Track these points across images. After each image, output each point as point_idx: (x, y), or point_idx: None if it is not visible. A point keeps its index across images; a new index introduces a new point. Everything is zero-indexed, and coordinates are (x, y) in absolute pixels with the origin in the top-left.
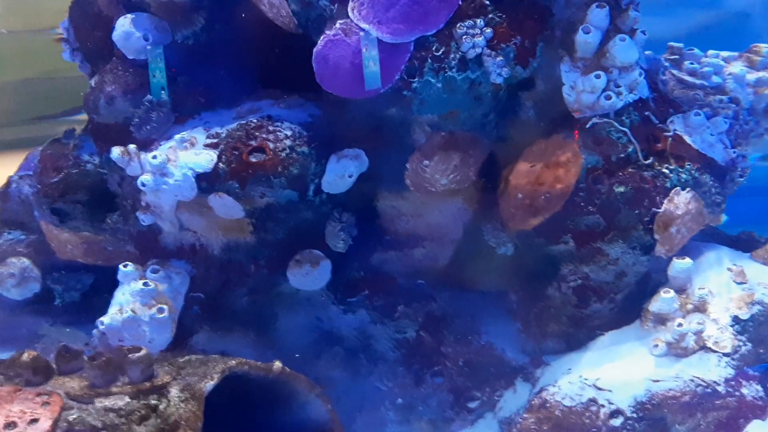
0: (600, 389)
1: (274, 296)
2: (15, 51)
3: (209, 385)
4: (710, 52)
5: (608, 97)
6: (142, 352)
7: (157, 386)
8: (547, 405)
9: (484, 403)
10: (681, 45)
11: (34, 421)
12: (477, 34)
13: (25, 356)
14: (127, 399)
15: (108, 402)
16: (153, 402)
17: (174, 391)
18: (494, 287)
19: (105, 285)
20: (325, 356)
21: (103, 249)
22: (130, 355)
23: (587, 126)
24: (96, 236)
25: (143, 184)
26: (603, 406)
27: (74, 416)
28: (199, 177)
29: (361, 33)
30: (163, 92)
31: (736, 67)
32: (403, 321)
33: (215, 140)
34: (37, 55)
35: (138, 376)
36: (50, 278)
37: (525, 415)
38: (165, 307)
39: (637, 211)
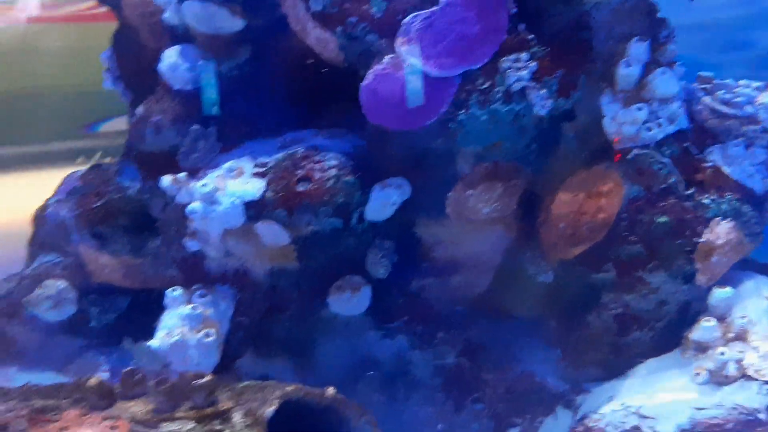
0: (644, 417)
1: (315, 322)
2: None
3: (270, 410)
4: (741, 81)
5: (649, 129)
6: (207, 378)
7: (220, 411)
8: None
9: (525, 430)
10: (711, 75)
11: None
12: (521, 67)
13: (92, 381)
14: (192, 424)
15: (174, 427)
16: (217, 427)
17: (237, 417)
18: (533, 315)
19: (140, 308)
20: (364, 381)
21: (142, 273)
22: (194, 381)
23: (629, 157)
24: (135, 260)
25: (192, 212)
26: None
27: None
28: (247, 205)
29: (406, 71)
30: (214, 108)
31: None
32: (442, 347)
33: (262, 169)
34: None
35: (201, 401)
36: (86, 301)
37: None
38: (212, 331)
39: (678, 241)
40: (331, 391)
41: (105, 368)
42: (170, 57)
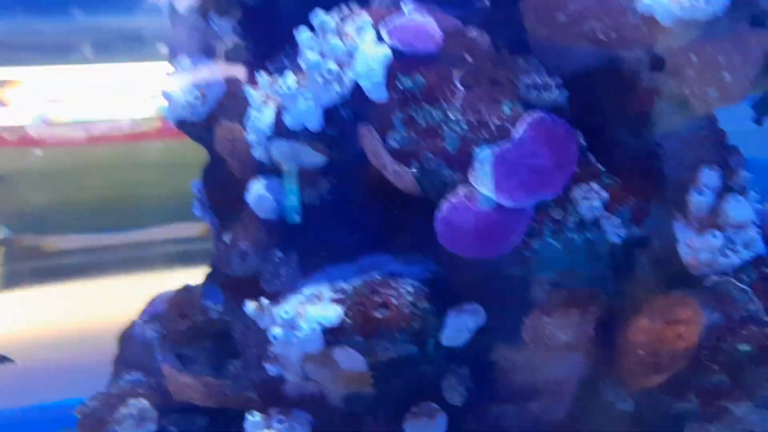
0: None
1: None
2: None
3: None
4: None
5: (725, 256)
6: None
7: None
8: None
9: None
10: None
11: None
12: (593, 197)
13: None
14: None
15: None
16: None
17: None
18: None
19: (218, 427)
20: None
21: (222, 393)
22: None
23: (706, 284)
24: (216, 381)
25: (275, 337)
26: None
27: None
28: (326, 331)
29: (480, 202)
30: (296, 215)
31: None
32: None
33: (341, 295)
34: None
35: None
36: (166, 419)
37: None
38: None
39: (762, 369)
40: None
41: None
42: (257, 189)
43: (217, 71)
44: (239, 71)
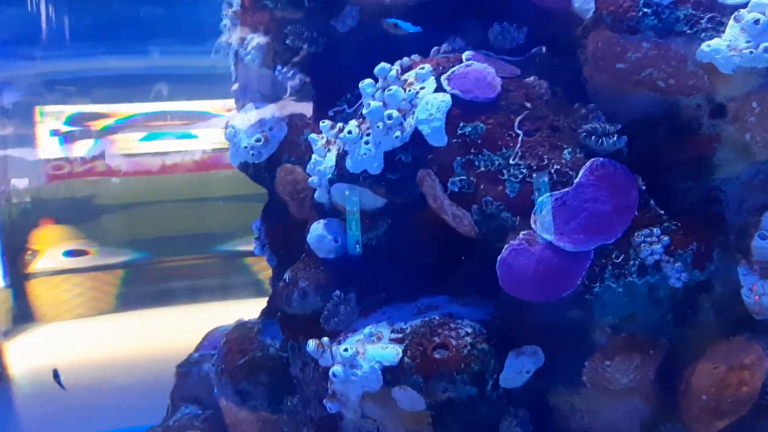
0: None
1: None
2: None
3: None
4: None
5: None
6: None
7: None
8: None
9: None
10: None
11: None
12: (654, 241)
13: None
14: None
15: None
16: None
17: None
18: None
19: None
20: None
21: (279, 429)
22: None
23: None
24: (272, 416)
25: (334, 375)
26: None
27: None
28: (385, 370)
29: (541, 247)
30: (357, 246)
31: None
32: None
33: (400, 335)
34: None
35: None
36: None
37: None
38: None
39: None
40: None
41: None
42: (317, 230)
43: (280, 115)
44: (301, 116)
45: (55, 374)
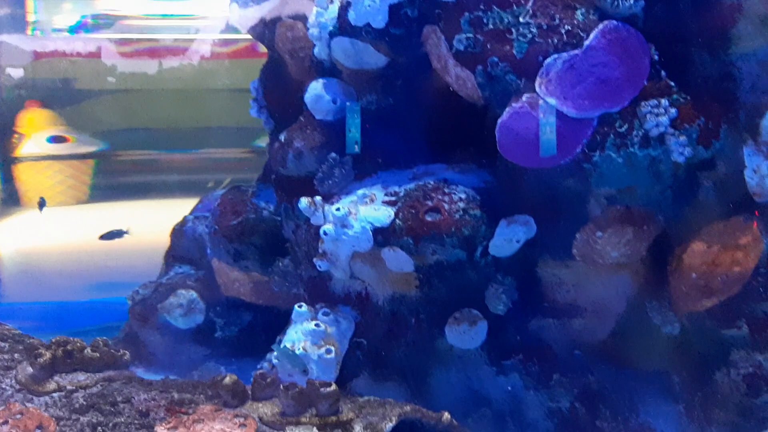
0: None
1: (430, 351)
2: None
3: (389, 426)
4: None
5: None
6: (332, 388)
7: (342, 422)
8: None
9: None
10: None
11: None
12: (661, 113)
13: (227, 380)
14: (315, 430)
15: (297, 431)
16: None
17: (358, 428)
18: (656, 367)
19: (262, 324)
20: (474, 416)
21: (269, 290)
22: (321, 389)
23: None
24: (264, 277)
25: (325, 233)
26: None
27: None
28: (376, 231)
29: (544, 110)
30: (356, 146)
31: None
32: (558, 390)
33: (393, 198)
34: None
35: (326, 409)
36: (213, 312)
37: None
38: (332, 348)
39: None
40: (447, 416)
41: None
42: (315, 89)
43: None
44: None
45: (41, 202)
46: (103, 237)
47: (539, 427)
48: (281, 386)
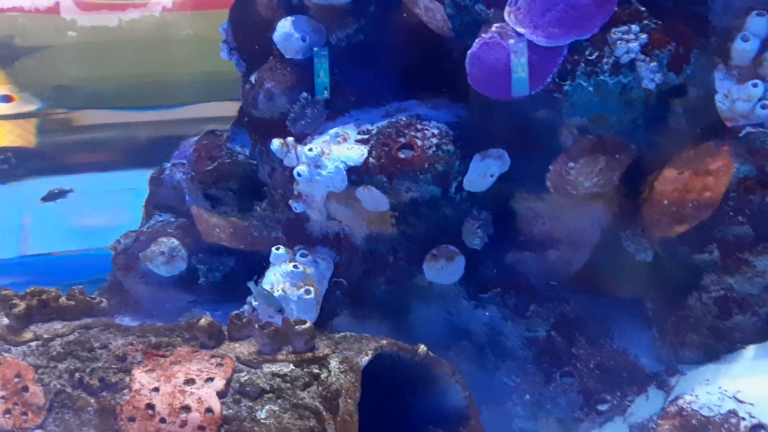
0: (741, 402)
1: (409, 288)
2: None
3: (365, 360)
4: None
5: (764, 107)
6: (307, 325)
7: (318, 357)
8: (684, 413)
9: (615, 407)
10: None
11: (210, 379)
12: (631, 39)
13: (202, 321)
14: (291, 366)
15: (274, 368)
16: (315, 371)
17: (334, 363)
18: (630, 294)
19: (244, 268)
20: (454, 349)
21: (249, 234)
22: (296, 327)
23: (740, 135)
24: (242, 222)
25: (299, 174)
26: (743, 419)
27: (245, 378)
28: (350, 170)
29: (514, 40)
30: (325, 91)
31: None
32: (535, 320)
33: (366, 136)
34: None
35: (302, 346)
36: (195, 259)
37: (660, 422)
38: (312, 289)
39: None
40: (423, 348)
41: None
42: (283, 27)
43: None
44: None
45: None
46: (45, 199)
47: (517, 356)
48: (256, 325)
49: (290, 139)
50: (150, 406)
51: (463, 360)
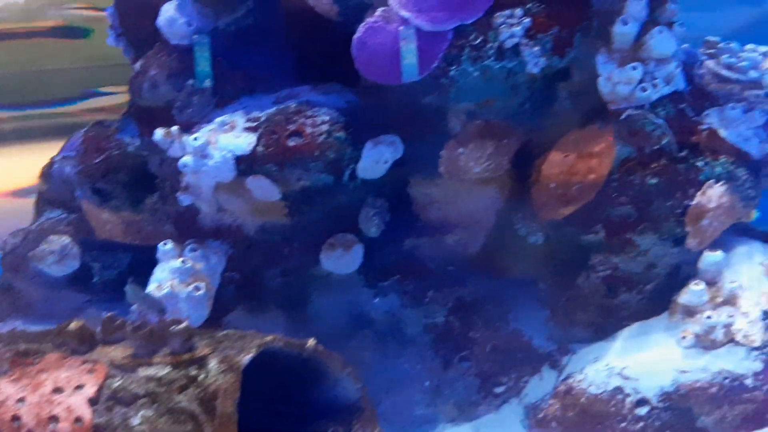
0: (626, 378)
1: (307, 278)
2: None
3: (246, 358)
4: (748, 46)
5: (644, 89)
6: (183, 325)
7: (197, 358)
8: (573, 392)
9: (510, 389)
10: (718, 39)
11: (80, 387)
12: (515, 23)
13: (72, 325)
14: (168, 369)
15: (150, 371)
16: (193, 372)
17: (213, 363)
18: (524, 275)
19: (141, 264)
20: (356, 338)
21: (142, 229)
22: (171, 327)
23: (622, 117)
24: (135, 216)
25: (184, 165)
26: (629, 394)
27: (117, 384)
28: (238, 159)
29: (401, 27)
30: (207, 80)
31: None
32: (433, 306)
33: (254, 124)
34: None
35: (179, 347)
36: (89, 256)
37: (550, 401)
38: (202, 285)
39: (669, 203)
40: (311, 342)
41: None
42: (168, 11)
43: None
44: None
45: None
46: None
47: (417, 342)
48: (130, 327)
49: (174, 128)
50: (16, 417)
51: (365, 349)
